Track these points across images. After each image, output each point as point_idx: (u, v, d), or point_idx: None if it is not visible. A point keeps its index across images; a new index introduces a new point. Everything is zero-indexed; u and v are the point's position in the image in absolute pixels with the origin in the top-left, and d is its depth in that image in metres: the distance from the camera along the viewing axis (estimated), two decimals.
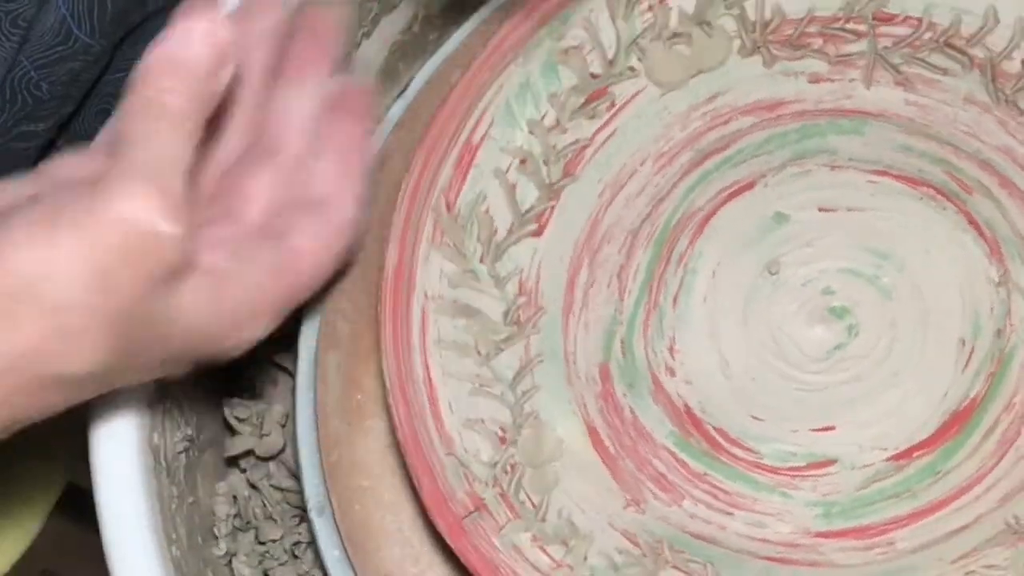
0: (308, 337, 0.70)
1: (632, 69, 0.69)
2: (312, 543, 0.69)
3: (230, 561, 0.72)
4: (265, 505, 0.73)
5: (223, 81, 0.57)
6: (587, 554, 0.63)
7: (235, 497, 0.74)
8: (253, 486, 0.74)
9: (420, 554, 0.65)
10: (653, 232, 0.69)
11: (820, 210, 0.68)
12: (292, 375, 0.71)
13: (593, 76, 0.69)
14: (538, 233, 0.68)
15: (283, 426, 0.73)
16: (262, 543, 0.73)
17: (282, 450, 0.73)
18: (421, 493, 0.62)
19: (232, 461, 0.74)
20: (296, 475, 0.69)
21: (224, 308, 0.59)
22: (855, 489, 0.65)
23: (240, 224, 0.62)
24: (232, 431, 0.73)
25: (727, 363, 0.67)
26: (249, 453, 0.73)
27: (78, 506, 0.91)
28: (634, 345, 0.67)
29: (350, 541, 0.65)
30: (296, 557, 0.72)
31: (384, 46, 0.74)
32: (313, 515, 0.67)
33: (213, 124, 0.60)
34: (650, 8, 0.68)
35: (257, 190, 0.62)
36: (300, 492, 0.68)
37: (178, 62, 0.57)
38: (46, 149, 0.75)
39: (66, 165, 0.60)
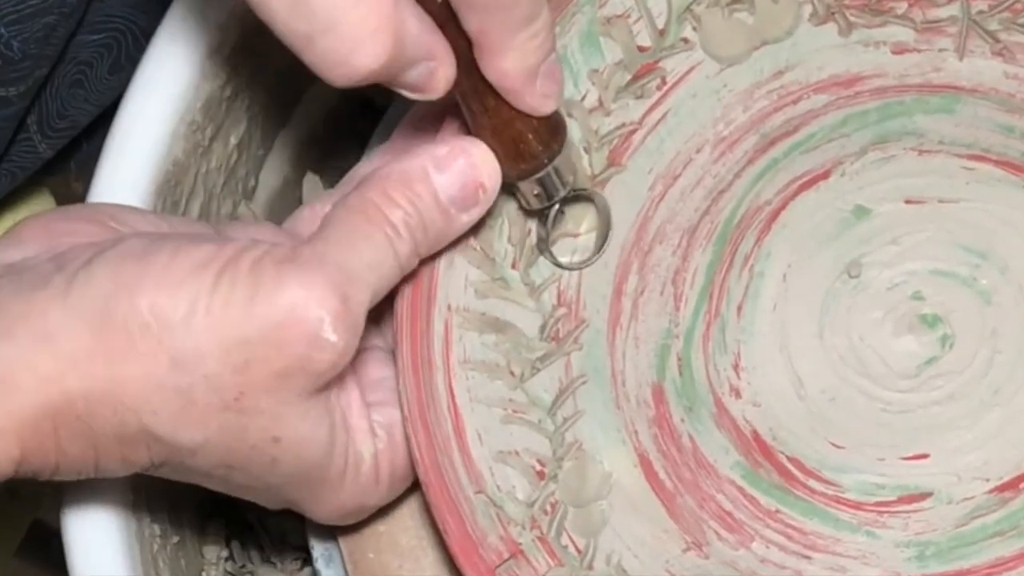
0: None
1: (686, 41, 0.68)
2: None
3: None
4: (262, 547, 0.72)
5: (458, 230, 0.60)
6: None
7: (227, 537, 0.73)
8: (248, 524, 0.73)
9: None
10: (713, 230, 0.68)
11: (907, 202, 0.67)
12: None
13: (641, 49, 0.67)
14: (578, 233, 0.67)
15: None
16: None
17: None
18: (447, 538, 0.61)
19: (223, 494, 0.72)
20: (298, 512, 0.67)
21: (338, 464, 0.59)
22: (953, 526, 0.63)
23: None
24: None
25: (801, 382, 0.66)
26: None
27: (44, 547, 0.90)
28: (693, 362, 0.66)
29: None
30: None
31: None
32: (319, 565, 0.66)
33: None
34: None
35: None
36: (303, 530, 0.67)
37: (424, 186, 0.58)
38: (17, 131, 0.73)
39: (254, 231, 0.61)
